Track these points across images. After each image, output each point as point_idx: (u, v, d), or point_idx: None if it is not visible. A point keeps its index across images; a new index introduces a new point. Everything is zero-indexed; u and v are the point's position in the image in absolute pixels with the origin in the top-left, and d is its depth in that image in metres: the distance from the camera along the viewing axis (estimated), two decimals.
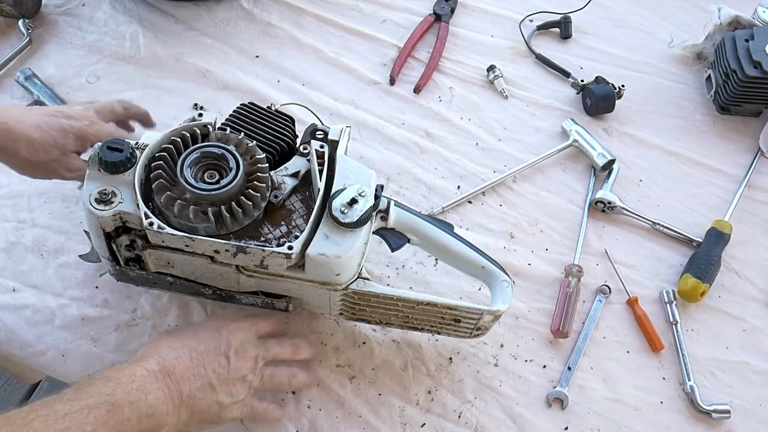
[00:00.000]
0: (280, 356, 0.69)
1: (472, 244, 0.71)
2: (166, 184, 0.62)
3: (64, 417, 0.51)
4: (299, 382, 0.70)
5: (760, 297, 0.84)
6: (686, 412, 0.76)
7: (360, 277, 0.67)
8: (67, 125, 0.71)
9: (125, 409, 0.54)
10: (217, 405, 0.62)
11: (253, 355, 0.65)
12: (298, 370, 0.70)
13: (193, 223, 0.61)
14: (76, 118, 0.72)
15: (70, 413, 0.52)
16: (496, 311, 0.67)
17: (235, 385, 0.63)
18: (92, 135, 0.72)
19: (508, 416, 0.74)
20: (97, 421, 0.52)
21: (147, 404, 0.56)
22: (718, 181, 0.93)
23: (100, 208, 0.61)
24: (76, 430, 0.51)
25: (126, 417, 0.54)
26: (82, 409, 0.52)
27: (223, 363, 0.62)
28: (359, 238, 0.63)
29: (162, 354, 0.60)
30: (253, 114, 0.72)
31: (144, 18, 1.02)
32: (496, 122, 0.96)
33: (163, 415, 0.57)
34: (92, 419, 0.52)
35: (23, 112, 0.70)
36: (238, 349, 0.64)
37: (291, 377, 0.69)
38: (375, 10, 1.07)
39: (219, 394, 0.62)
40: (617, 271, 0.84)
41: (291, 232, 0.64)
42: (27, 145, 0.68)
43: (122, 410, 0.54)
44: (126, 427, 0.54)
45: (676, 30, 1.08)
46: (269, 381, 0.67)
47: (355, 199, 0.63)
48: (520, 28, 1.06)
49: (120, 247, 0.66)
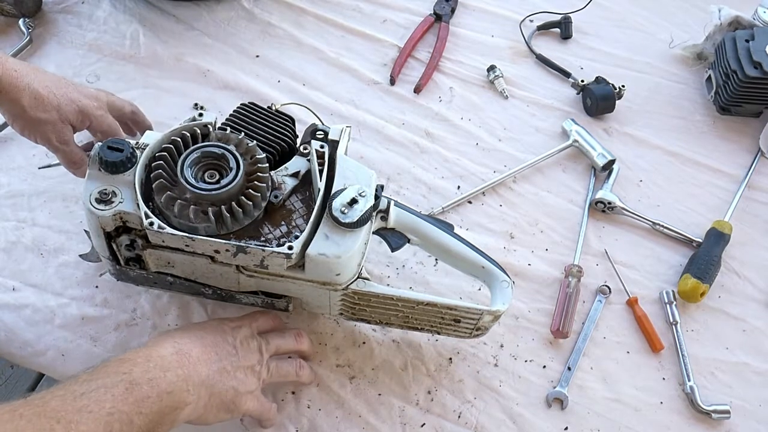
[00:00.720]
0: (282, 347, 0.70)
1: (472, 244, 0.71)
2: (166, 183, 0.62)
3: (81, 396, 0.51)
4: (306, 375, 0.71)
5: (760, 297, 0.84)
6: (686, 413, 0.76)
7: (360, 277, 0.67)
8: (76, 98, 0.72)
9: (144, 386, 0.54)
10: (233, 390, 0.62)
11: (256, 347, 0.66)
12: (303, 362, 0.71)
13: (193, 223, 0.61)
14: (86, 96, 0.73)
15: (87, 392, 0.51)
16: (495, 311, 0.67)
17: (246, 373, 0.63)
18: (95, 118, 0.73)
19: (508, 416, 0.74)
20: (115, 398, 0.52)
21: (166, 381, 0.55)
22: (718, 182, 0.93)
23: (100, 208, 0.61)
24: (94, 407, 0.51)
25: (145, 394, 0.54)
26: (99, 388, 0.52)
27: (232, 352, 0.63)
28: (359, 238, 0.63)
29: (176, 339, 0.61)
30: (254, 114, 0.72)
31: (144, 17, 1.02)
32: (496, 122, 0.96)
33: (184, 392, 0.57)
34: (110, 397, 0.52)
35: (40, 71, 0.72)
36: (242, 342, 0.65)
37: (297, 368, 0.70)
38: (375, 10, 1.07)
39: (234, 380, 0.62)
40: (617, 271, 0.84)
41: (291, 232, 0.64)
42: (30, 97, 0.68)
43: (141, 387, 0.54)
44: (146, 405, 0.53)
45: (676, 30, 1.08)
46: (276, 372, 0.68)
47: (355, 199, 0.63)
48: (521, 28, 1.06)
49: (120, 247, 0.66)
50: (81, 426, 0.49)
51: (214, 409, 0.61)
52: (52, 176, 0.85)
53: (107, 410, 0.51)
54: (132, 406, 0.53)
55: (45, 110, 0.69)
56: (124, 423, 0.52)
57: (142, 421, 0.53)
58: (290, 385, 0.73)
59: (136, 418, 0.53)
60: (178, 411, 0.57)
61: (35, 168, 0.85)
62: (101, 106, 0.74)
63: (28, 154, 0.86)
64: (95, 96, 0.74)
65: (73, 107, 0.71)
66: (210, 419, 0.61)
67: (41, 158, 0.86)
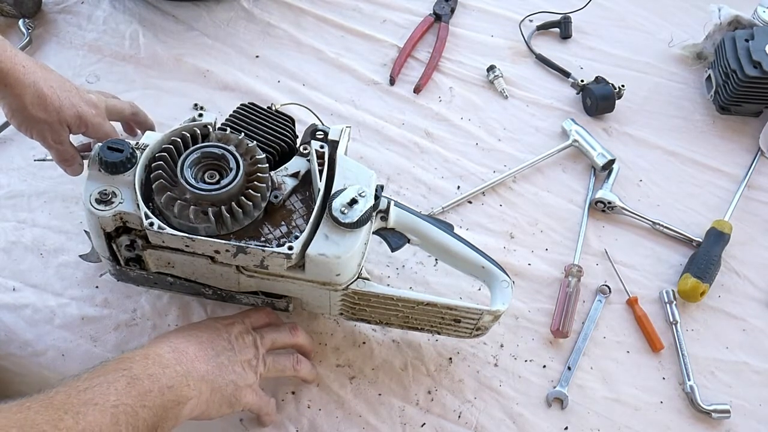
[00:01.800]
0: (278, 342, 0.69)
1: (472, 245, 0.71)
2: (166, 184, 0.62)
3: (85, 390, 0.52)
4: (305, 370, 0.71)
5: (760, 297, 0.84)
6: (686, 412, 0.76)
7: (360, 277, 0.67)
8: (77, 103, 0.72)
9: (145, 381, 0.55)
10: (233, 384, 0.62)
11: (251, 341, 0.66)
12: (301, 357, 0.71)
13: (193, 224, 0.61)
14: (86, 102, 0.73)
15: (90, 387, 0.52)
16: (495, 311, 0.68)
17: (244, 367, 0.64)
18: (92, 125, 0.73)
19: (508, 416, 0.74)
20: (119, 392, 0.53)
21: (166, 377, 0.56)
22: (718, 181, 0.93)
23: (100, 209, 0.62)
24: (99, 400, 0.51)
25: (147, 388, 0.54)
26: (102, 384, 0.53)
27: (228, 347, 0.64)
28: (359, 238, 0.63)
29: (171, 340, 0.61)
30: (253, 114, 0.72)
31: (144, 17, 1.02)
32: (496, 122, 0.96)
33: (185, 386, 0.57)
34: (113, 390, 0.53)
35: (47, 69, 0.72)
36: (237, 337, 0.65)
37: (295, 363, 0.70)
38: (375, 10, 1.07)
39: (232, 374, 0.62)
40: (617, 271, 0.84)
41: (291, 232, 0.64)
42: (34, 95, 0.68)
43: (142, 382, 0.55)
44: (149, 398, 0.54)
45: (676, 30, 1.08)
46: (273, 366, 0.67)
47: (355, 199, 0.63)
48: (520, 28, 1.06)
49: (120, 247, 0.66)
50: (89, 416, 0.50)
51: (216, 404, 0.61)
52: (51, 176, 0.85)
53: (112, 402, 0.52)
54: (135, 399, 0.53)
55: (46, 110, 0.69)
56: (129, 415, 0.52)
57: (146, 414, 0.54)
58: (291, 384, 0.73)
59: (141, 411, 0.53)
60: (181, 406, 0.57)
61: (35, 168, 0.85)
62: (99, 113, 0.74)
63: (28, 155, 0.86)
64: (94, 103, 0.74)
65: (73, 111, 0.71)
66: (213, 414, 0.62)
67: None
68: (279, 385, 0.73)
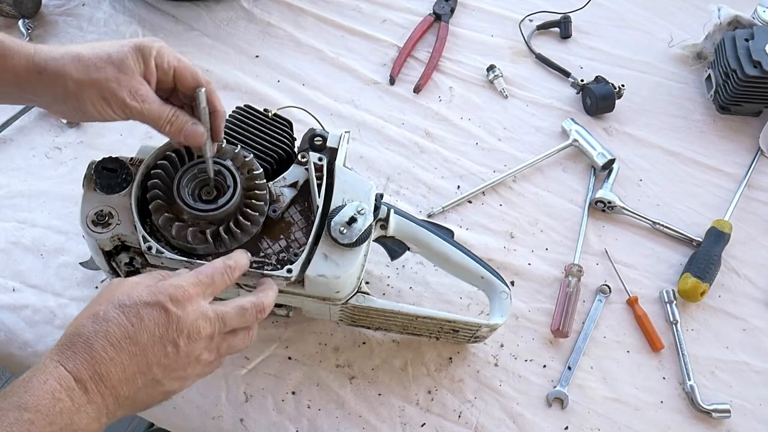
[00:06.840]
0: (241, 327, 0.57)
1: (473, 253, 0.71)
2: (162, 204, 0.61)
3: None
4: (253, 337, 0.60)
5: (760, 297, 0.84)
6: (686, 412, 0.76)
7: (359, 291, 0.66)
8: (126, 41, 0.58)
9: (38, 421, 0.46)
10: (162, 393, 0.54)
11: (209, 333, 0.54)
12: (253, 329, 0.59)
13: (191, 244, 0.60)
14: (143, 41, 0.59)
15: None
16: (494, 325, 0.68)
17: (186, 369, 0.54)
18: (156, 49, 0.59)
19: (508, 416, 0.74)
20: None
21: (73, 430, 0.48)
22: (718, 181, 0.93)
23: (97, 231, 0.61)
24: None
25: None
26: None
27: (170, 351, 0.52)
28: (359, 255, 0.63)
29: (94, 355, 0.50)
30: (250, 119, 0.70)
31: (144, 18, 1.02)
32: (496, 122, 0.96)
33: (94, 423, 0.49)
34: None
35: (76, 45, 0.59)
36: (191, 333, 0.53)
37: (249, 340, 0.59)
38: (375, 10, 1.07)
39: (166, 385, 0.53)
40: (617, 270, 0.84)
41: (290, 246, 0.63)
42: (73, 60, 0.56)
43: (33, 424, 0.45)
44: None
45: (676, 30, 1.08)
46: (226, 352, 0.58)
47: (354, 217, 0.62)
48: (520, 27, 1.06)
49: (120, 264, 0.66)
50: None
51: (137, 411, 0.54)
52: (51, 177, 0.85)
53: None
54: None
55: (96, 68, 0.56)
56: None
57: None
58: (291, 384, 0.73)
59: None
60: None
61: (35, 168, 0.85)
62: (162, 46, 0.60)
63: (28, 155, 0.87)
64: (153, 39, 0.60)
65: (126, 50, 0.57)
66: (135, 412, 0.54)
67: (41, 159, 0.86)
68: (279, 385, 0.73)
